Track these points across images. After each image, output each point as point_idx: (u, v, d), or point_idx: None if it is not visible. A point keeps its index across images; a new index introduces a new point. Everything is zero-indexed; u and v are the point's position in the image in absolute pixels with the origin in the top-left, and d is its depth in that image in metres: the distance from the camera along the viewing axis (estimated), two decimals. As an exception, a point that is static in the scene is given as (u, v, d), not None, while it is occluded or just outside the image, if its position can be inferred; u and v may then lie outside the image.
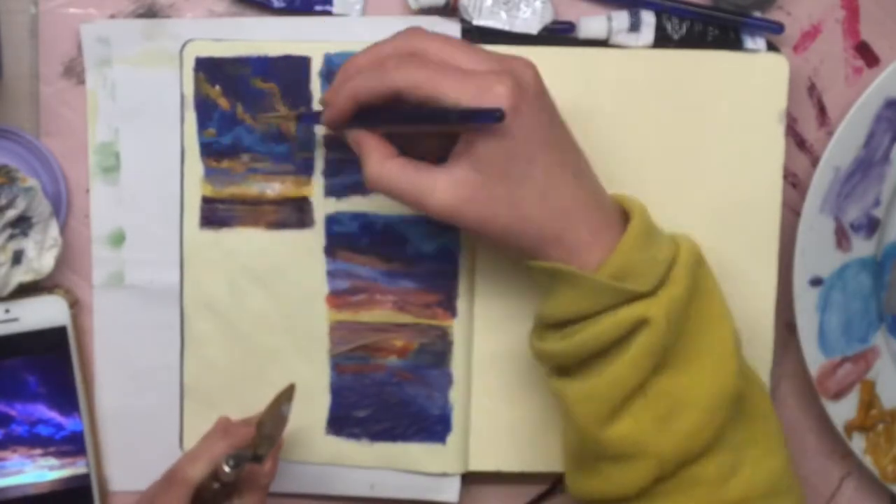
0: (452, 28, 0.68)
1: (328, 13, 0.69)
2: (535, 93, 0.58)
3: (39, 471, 0.70)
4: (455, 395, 0.70)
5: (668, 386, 0.60)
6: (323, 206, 0.69)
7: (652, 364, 0.59)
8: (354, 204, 0.69)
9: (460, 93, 0.57)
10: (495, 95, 0.57)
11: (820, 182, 0.69)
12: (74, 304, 0.70)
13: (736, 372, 0.60)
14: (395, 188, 0.60)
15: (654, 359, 0.59)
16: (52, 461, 0.70)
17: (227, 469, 0.63)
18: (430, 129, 0.61)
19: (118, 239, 0.70)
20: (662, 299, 0.59)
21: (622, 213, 0.62)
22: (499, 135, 0.57)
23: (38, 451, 0.69)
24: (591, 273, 0.59)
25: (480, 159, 0.58)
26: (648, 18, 0.68)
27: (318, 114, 0.64)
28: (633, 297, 0.59)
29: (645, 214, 0.61)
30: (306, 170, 0.69)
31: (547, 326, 0.62)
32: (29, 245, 0.67)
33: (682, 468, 0.60)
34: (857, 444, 0.73)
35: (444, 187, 0.59)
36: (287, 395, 0.66)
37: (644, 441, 0.60)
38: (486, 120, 0.56)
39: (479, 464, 0.71)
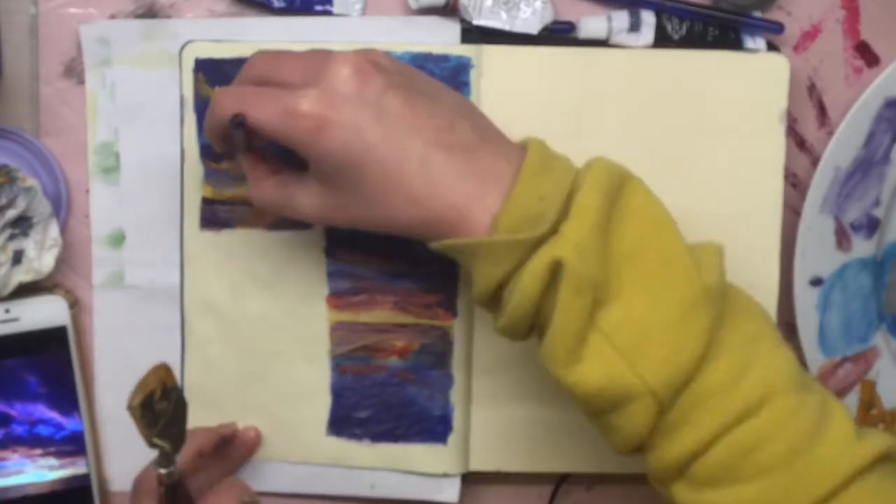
0: (452, 28, 0.68)
1: (328, 13, 0.69)
2: (349, 94, 0.57)
3: (39, 471, 0.70)
4: (456, 396, 0.70)
5: (622, 316, 0.56)
6: (323, 206, 0.69)
7: (586, 301, 0.55)
8: (355, 204, 0.69)
9: (269, 118, 0.57)
10: (298, 115, 0.57)
11: (820, 182, 0.69)
12: (74, 304, 0.70)
13: (694, 271, 0.56)
14: (270, 208, 0.63)
15: (585, 296, 0.55)
16: (52, 461, 0.70)
17: (161, 471, 0.60)
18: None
19: (118, 239, 0.70)
20: (567, 234, 0.55)
21: (522, 157, 0.59)
22: (315, 151, 0.57)
23: (38, 451, 0.69)
24: (484, 236, 0.56)
25: (317, 172, 0.59)
26: (648, 18, 0.68)
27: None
28: (537, 244, 0.56)
29: (539, 151, 0.58)
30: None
31: (486, 306, 0.60)
32: (29, 245, 0.67)
33: (682, 390, 0.56)
34: (857, 443, 0.73)
35: (304, 202, 0.61)
36: (157, 377, 0.59)
37: (623, 380, 0.56)
38: (235, 128, 0.58)
39: (479, 464, 0.71)
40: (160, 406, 0.58)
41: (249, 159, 0.63)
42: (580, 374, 0.56)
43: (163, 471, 0.60)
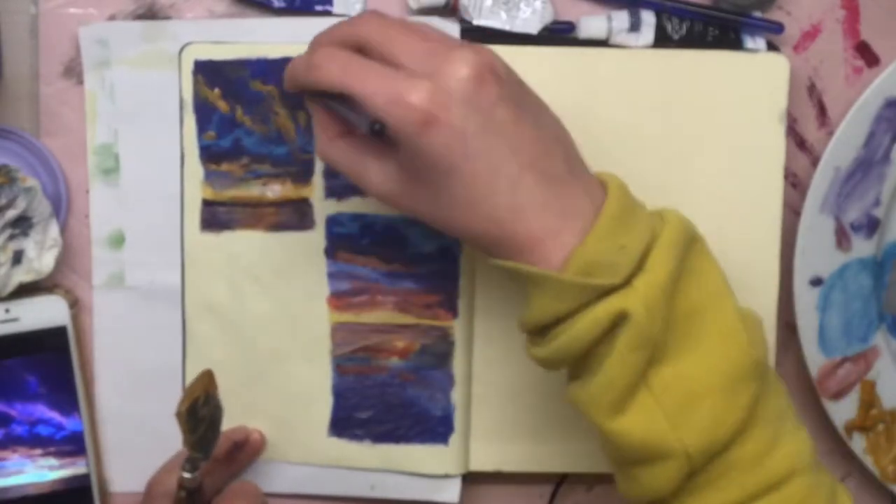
0: (452, 28, 0.68)
1: (328, 13, 0.69)
2: (463, 97, 0.55)
3: (39, 471, 0.70)
4: (456, 396, 0.70)
5: (672, 377, 0.56)
6: (323, 207, 0.69)
7: (642, 358, 0.55)
8: (355, 205, 0.69)
9: (373, 97, 0.55)
10: (407, 105, 0.54)
11: (820, 182, 0.69)
12: (74, 304, 0.70)
13: (747, 345, 0.57)
14: (338, 167, 0.61)
15: (642, 352, 0.55)
16: (52, 461, 0.70)
17: (186, 475, 0.61)
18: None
19: (118, 240, 0.70)
20: (639, 288, 0.55)
21: (603, 196, 0.58)
22: (414, 145, 0.55)
23: (38, 451, 0.70)
24: (555, 271, 0.55)
25: (405, 161, 0.57)
26: (648, 18, 0.68)
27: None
28: (607, 291, 0.55)
29: (621, 196, 0.57)
30: (306, 171, 0.69)
31: (532, 333, 0.59)
32: (29, 245, 0.67)
33: (715, 458, 0.57)
34: (858, 444, 0.73)
35: (374, 178, 0.59)
36: (202, 384, 0.60)
37: (662, 439, 0.56)
38: (371, 133, 0.55)
39: (479, 464, 0.71)
40: (202, 412, 0.59)
41: (323, 116, 0.61)
42: (622, 426, 0.56)
43: (187, 475, 0.60)
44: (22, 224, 0.67)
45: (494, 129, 0.56)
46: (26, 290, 0.68)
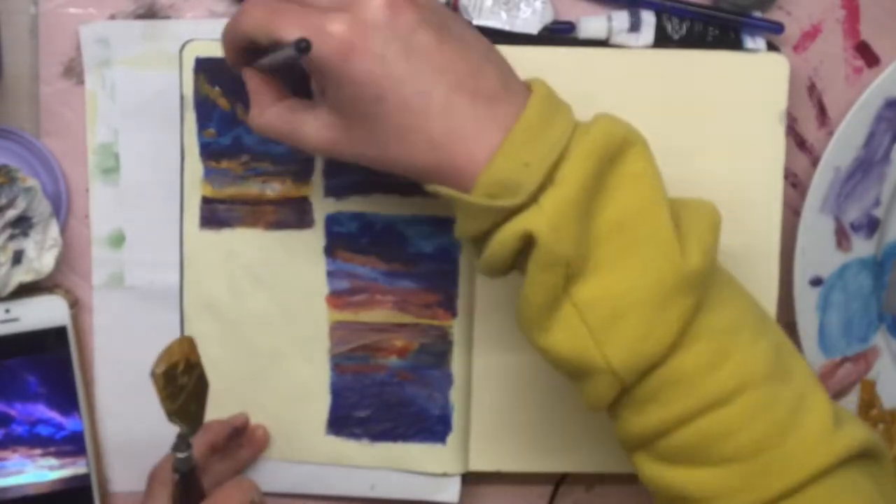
0: (452, 28, 0.68)
1: (328, 13, 0.69)
2: (379, 24, 0.55)
3: (39, 471, 0.70)
4: (455, 396, 0.70)
5: (599, 292, 0.55)
6: (323, 206, 0.69)
7: (556, 276, 0.55)
8: (354, 204, 0.69)
9: (296, 33, 0.55)
10: (327, 35, 0.55)
11: (820, 182, 0.69)
12: (74, 304, 0.70)
13: (679, 256, 0.55)
14: (273, 135, 0.61)
15: (554, 270, 0.54)
16: (52, 461, 0.70)
17: (178, 455, 0.60)
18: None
19: (118, 240, 0.70)
20: (545, 206, 0.54)
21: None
22: (337, 76, 0.56)
23: (38, 451, 0.69)
24: (465, 193, 0.55)
25: (334, 101, 0.58)
26: (648, 18, 0.68)
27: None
28: (513, 212, 0.55)
29: (539, 108, 0.56)
30: (306, 170, 0.69)
31: (471, 247, 0.59)
32: (29, 245, 0.67)
33: (648, 374, 0.56)
34: (858, 444, 0.73)
35: (312, 131, 0.59)
36: (181, 349, 0.57)
37: (587, 355, 0.55)
38: (294, 55, 0.54)
39: (479, 464, 0.71)
40: (182, 380, 0.57)
41: (257, 81, 0.61)
42: (549, 342, 0.56)
43: (180, 455, 0.59)
44: (22, 224, 0.67)
45: (417, 53, 0.56)
46: (26, 290, 0.68)
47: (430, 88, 0.56)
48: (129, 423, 0.71)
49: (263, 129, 0.61)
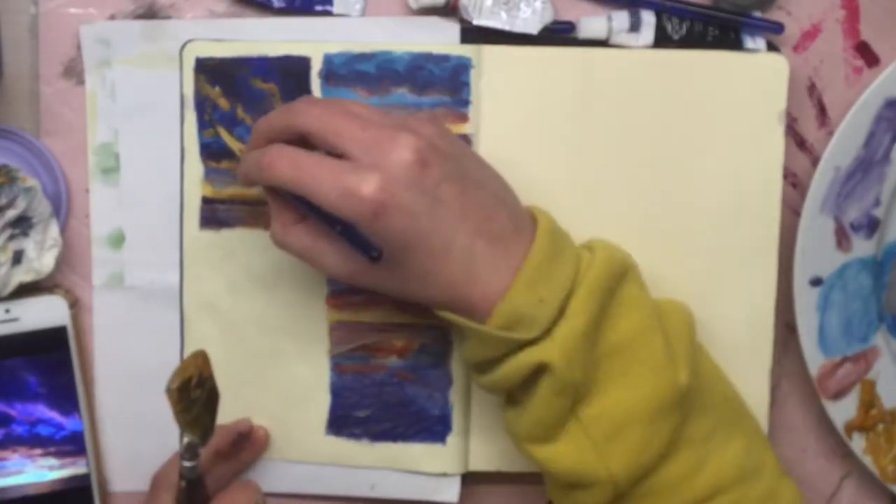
0: (452, 28, 0.68)
1: (328, 13, 0.69)
2: (410, 183, 0.58)
3: (39, 471, 0.70)
4: (455, 395, 0.70)
5: (601, 409, 0.60)
6: (323, 206, 0.69)
7: (566, 399, 0.60)
8: (354, 204, 0.69)
9: (327, 193, 0.57)
10: (359, 198, 0.57)
11: (820, 182, 0.69)
12: (74, 304, 0.70)
13: (672, 378, 0.60)
14: (295, 253, 0.63)
15: (565, 395, 0.59)
16: (52, 461, 0.70)
17: (186, 464, 0.60)
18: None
19: (118, 240, 0.70)
20: (558, 339, 0.59)
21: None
22: (367, 230, 0.58)
23: (38, 451, 0.69)
24: (481, 325, 0.59)
25: None
26: (648, 18, 0.68)
27: None
28: (527, 343, 0.59)
29: (545, 243, 0.60)
30: (306, 170, 0.69)
31: (474, 365, 0.63)
32: (29, 245, 0.67)
33: (640, 481, 0.61)
34: (857, 444, 0.73)
35: (333, 262, 0.61)
36: (195, 363, 0.58)
37: (590, 467, 0.60)
38: (364, 253, 0.58)
39: (479, 464, 0.71)
40: (195, 394, 0.58)
41: (279, 203, 0.63)
42: (552, 453, 0.61)
43: (188, 464, 0.60)
44: (22, 224, 0.67)
45: (442, 205, 0.59)
46: (26, 290, 0.68)
47: (452, 236, 0.59)
48: (129, 422, 0.71)
49: (285, 247, 0.63)
